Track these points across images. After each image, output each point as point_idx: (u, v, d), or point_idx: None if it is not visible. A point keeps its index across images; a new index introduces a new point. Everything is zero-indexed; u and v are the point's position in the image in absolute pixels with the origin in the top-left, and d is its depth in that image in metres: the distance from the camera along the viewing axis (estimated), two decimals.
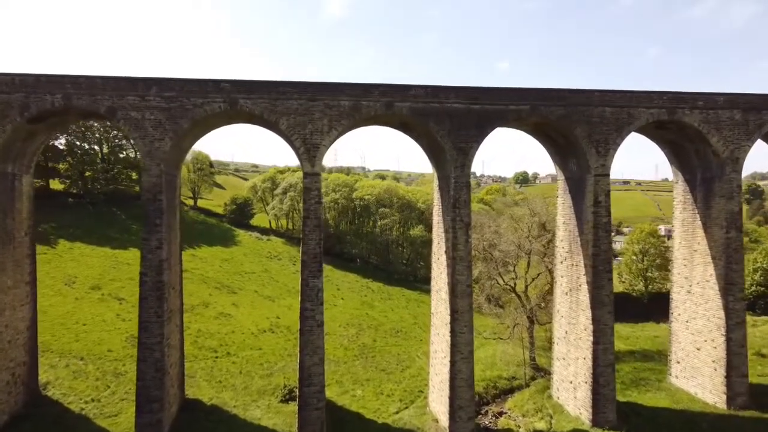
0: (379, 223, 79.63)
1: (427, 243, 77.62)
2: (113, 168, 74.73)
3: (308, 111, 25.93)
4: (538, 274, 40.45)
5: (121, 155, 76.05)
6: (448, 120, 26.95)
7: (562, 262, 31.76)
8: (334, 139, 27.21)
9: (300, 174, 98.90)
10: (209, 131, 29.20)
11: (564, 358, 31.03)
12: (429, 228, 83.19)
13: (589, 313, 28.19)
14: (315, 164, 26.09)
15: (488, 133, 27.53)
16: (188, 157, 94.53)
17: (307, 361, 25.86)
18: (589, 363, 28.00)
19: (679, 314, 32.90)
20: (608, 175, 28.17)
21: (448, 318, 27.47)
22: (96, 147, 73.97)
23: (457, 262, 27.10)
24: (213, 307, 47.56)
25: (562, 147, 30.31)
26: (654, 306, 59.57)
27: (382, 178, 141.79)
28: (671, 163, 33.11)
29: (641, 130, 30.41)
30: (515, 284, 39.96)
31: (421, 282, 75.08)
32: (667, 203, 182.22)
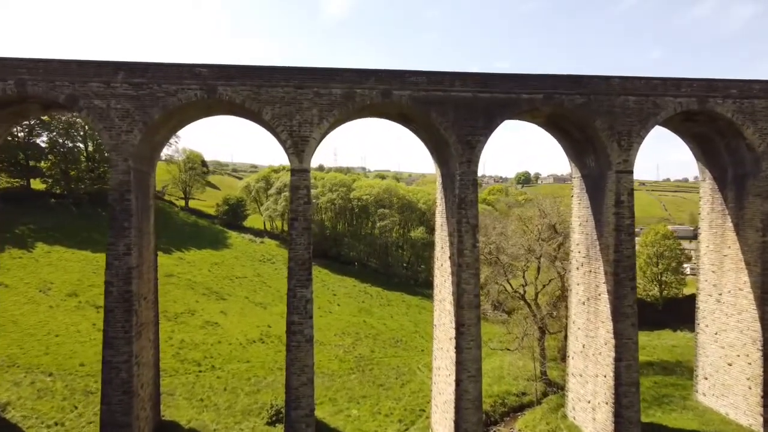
0: (378, 224, 77.13)
1: (429, 245, 75.12)
2: (99, 167, 72.13)
3: (296, 100, 23.43)
4: (550, 281, 37.95)
5: (108, 153, 73.38)
6: (453, 110, 24.46)
7: (578, 268, 29.21)
8: (326, 132, 24.75)
9: None
10: (187, 123, 26.70)
11: (581, 375, 28.49)
12: (430, 229, 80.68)
13: (609, 325, 25.65)
14: (303, 159, 23.57)
15: (497, 125, 25.04)
16: (180, 156, 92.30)
17: (295, 381, 23.32)
18: (611, 381, 25.45)
19: (707, 325, 30.34)
20: (632, 172, 25.67)
21: (452, 332, 24.93)
22: (81, 144, 71.43)
23: (463, 270, 24.57)
24: (199, 315, 45.03)
25: (578, 141, 27.78)
26: (669, 312, 57.07)
27: (382, 178, 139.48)
28: (698, 159, 30.57)
29: (665, 123, 27.88)
30: (525, 291, 37.39)
31: (422, 286, 72.55)
32: (672, 203, 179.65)
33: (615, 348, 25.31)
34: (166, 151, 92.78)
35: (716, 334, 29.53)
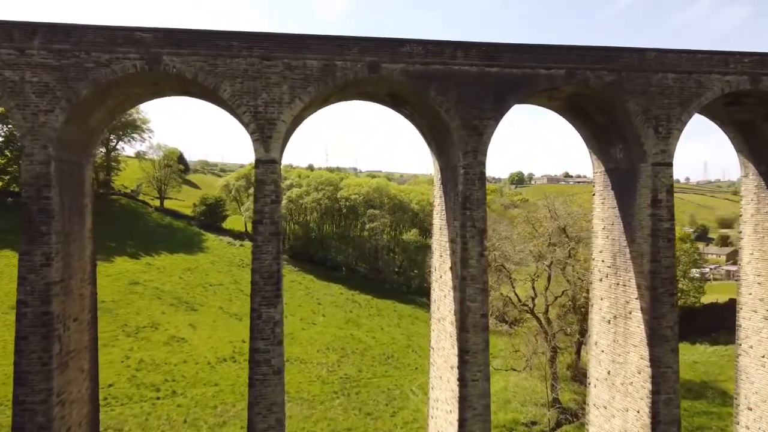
0: (367, 226, 72.98)
1: (423, 249, 71.04)
2: None
3: (261, 74, 19.30)
4: (563, 292, 34.02)
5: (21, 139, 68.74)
6: (456, 88, 20.40)
7: (601, 280, 25.26)
8: (300, 115, 20.65)
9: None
10: (131, 104, 22.54)
11: (605, 407, 24.51)
12: (424, 232, 76.62)
13: (644, 350, 21.70)
14: (271, 147, 19.43)
15: (509, 108, 21.05)
16: (155, 153, 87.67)
17: (259, 425, 19.19)
18: (646, 419, 21.49)
19: (751, 346, 26.47)
20: (671, 164, 21.81)
21: (455, 360, 20.86)
22: None
23: (468, 284, 20.52)
24: (164, 329, 40.75)
25: (603, 129, 23.86)
26: (686, 323, 53.42)
27: (373, 177, 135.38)
28: (739, 151, 26.73)
29: (705, 109, 23.96)
30: (534, 304, 33.44)
31: (415, 293, 68.60)
32: (680, 204, 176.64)
33: (651, 378, 21.35)
34: (139, 147, 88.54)
35: (763, 357, 25.66)
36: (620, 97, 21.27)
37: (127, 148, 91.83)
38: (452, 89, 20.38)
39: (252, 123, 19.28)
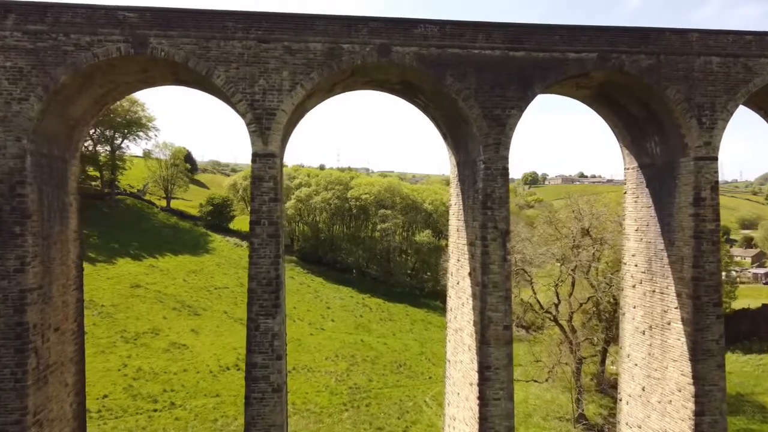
0: (378, 226, 71.11)
1: (436, 250, 69.14)
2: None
3: (259, 58, 17.57)
4: (588, 298, 31.92)
5: None
6: (475, 74, 18.58)
7: (634, 287, 23.24)
8: (301, 105, 18.94)
9: (287, 170, 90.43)
10: (119, 94, 20.92)
11: (639, 427, 22.49)
12: (438, 233, 74.70)
13: (686, 366, 19.68)
14: (270, 140, 17.69)
15: (534, 96, 19.20)
16: (161, 151, 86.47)
17: None
18: None
19: None
20: (716, 159, 19.77)
21: (474, 376, 18.99)
22: None
23: (490, 291, 18.65)
24: (165, 335, 39.21)
25: (637, 119, 21.87)
26: None
27: (385, 177, 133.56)
28: None
29: (752, 98, 21.84)
30: (558, 311, 31.42)
31: (428, 297, 66.66)
32: None
33: (694, 397, 19.33)
34: (145, 146, 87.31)
35: None
36: (658, 84, 19.30)
37: (133, 147, 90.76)
38: (471, 75, 18.56)
39: (249, 113, 17.58)
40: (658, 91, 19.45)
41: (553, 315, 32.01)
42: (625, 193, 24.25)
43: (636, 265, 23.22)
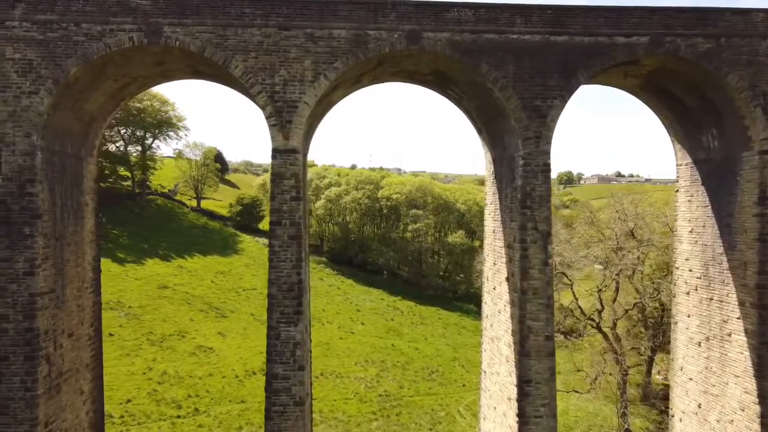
0: (410, 227, 69.78)
1: (469, 252, 67.49)
2: (97, 161, 67.02)
3: (279, 46, 16.52)
4: (634, 305, 30.05)
5: (103, 148, 68.30)
6: (513, 61, 17.19)
7: (688, 293, 21.45)
8: (326, 97, 17.87)
9: (317, 169, 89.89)
10: (136, 88, 20.15)
11: None
12: (471, 233, 72.98)
13: (750, 383, 17.90)
14: (291, 134, 16.62)
15: (578, 85, 17.73)
16: (193, 153, 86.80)
17: None
18: None
19: None
20: None
21: (513, 390, 17.59)
22: None
23: (530, 298, 17.24)
24: (191, 337, 38.71)
25: (692, 110, 20.13)
26: None
27: (416, 177, 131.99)
28: None
29: None
30: (601, 318, 29.64)
31: (461, 300, 65.06)
32: None
33: (760, 418, 17.57)
34: (175, 146, 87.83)
35: None
36: (718, 70, 17.57)
37: (164, 147, 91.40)
38: (509, 63, 17.17)
39: (268, 105, 16.55)
40: (717, 78, 17.74)
41: (596, 322, 30.21)
42: (677, 191, 22.46)
43: (690, 270, 21.43)
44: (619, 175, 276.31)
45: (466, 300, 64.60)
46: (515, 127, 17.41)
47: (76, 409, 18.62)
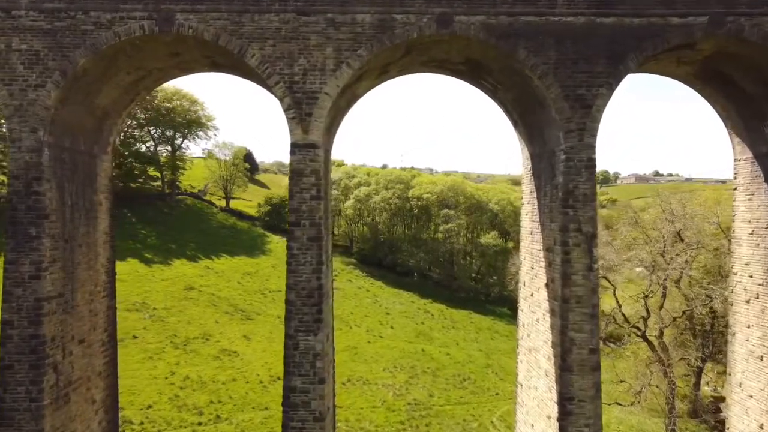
0: (441, 227, 68.30)
1: (503, 253, 65.64)
2: (127, 161, 67.61)
3: (298, 33, 15.43)
4: (683, 312, 28.13)
5: (133, 148, 68.80)
6: (554, 46, 15.76)
7: (749, 302, 19.63)
8: (350, 88, 16.75)
9: (346, 169, 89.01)
10: (152, 81, 19.30)
11: None
12: (504, 234, 71.12)
13: None
14: (311, 128, 15.51)
15: (627, 72, 16.17)
16: (223, 153, 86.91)
17: None
18: None
19: None
20: None
21: (553, 408, 16.15)
22: None
23: (572, 307, 15.77)
24: (215, 340, 38.11)
25: (754, 99, 18.38)
26: None
27: (448, 176, 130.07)
28: None
29: None
30: (646, 326, 27.81)
31: (494, 303, 63.35)
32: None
33: None
34: (205, 145, 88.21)
35: None
36: None
37: (194, 147, 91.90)
38: (550, 48, 15.72)
39: (287, 97, 15.46)
40: None
41: (642, 330, 28.36)
42: (735, 189, 20.63)
43: (751, 276, 19.58)
44: (657, 174, 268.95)
45: (500, 303, 62.85)
46: (556, 119, 15.97)
47: (87, 419, 17.85)
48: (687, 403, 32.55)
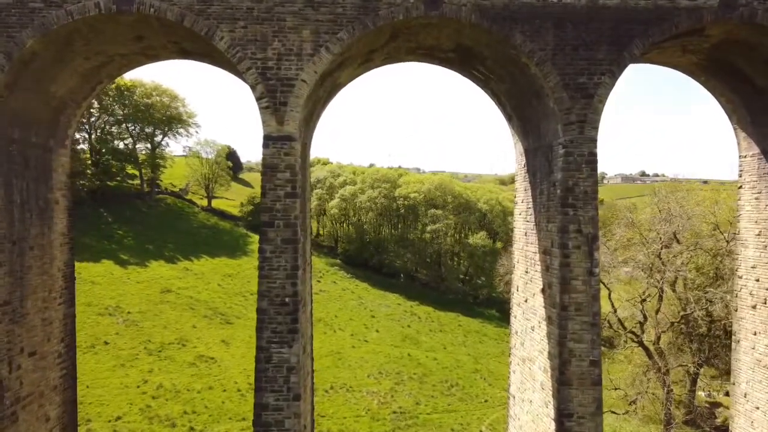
0: (428, 228, 67.07)
1: (491, 254, 64.54)
2: (103, 160, 65.68)
3: (272, 14, 14.07)
4: (681, 316, 27.10)
5: (111, 145, 66.86)
6: (553, 30, 14.56)
7: (755, 307, 18.60)
8: (330, 76, 15.41)
9: (331, 167, 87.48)
10: (115, 69, 17.81)
11: None
12: (493, 234, 70.09)
13: None
14: (286, 118, 14.15)
15: (631, 59, 15.06)
16: (204, 151, 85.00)
17: None
18: None
19: None
20: None
21: (550, 425, 14.98)
22: (83, 134, 65.01)
23: (572, 315, 14.58)
24: (192, 346, 36.54)
25: (763, 91, 17.28)
26: None
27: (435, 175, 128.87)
28: None
29: None
30: (643, 331, 26.75)
31: (482, 305, 62.28)
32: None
33: None
34: (186, 143, 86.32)
35: None
36: None
37: (175, 145, 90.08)
38: (548, 32, 14.52)
39: (259, 84, 14.08)
40: None
41: (638, 336, 27.28)
42: (740, 187, 19.57)
43: (758, 280, 18.53)
44: (643, 174, 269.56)
45: (488, 305, 61.83)
46: (555, 110, 14.76)
47: None
48: (682, 408, 31.59)
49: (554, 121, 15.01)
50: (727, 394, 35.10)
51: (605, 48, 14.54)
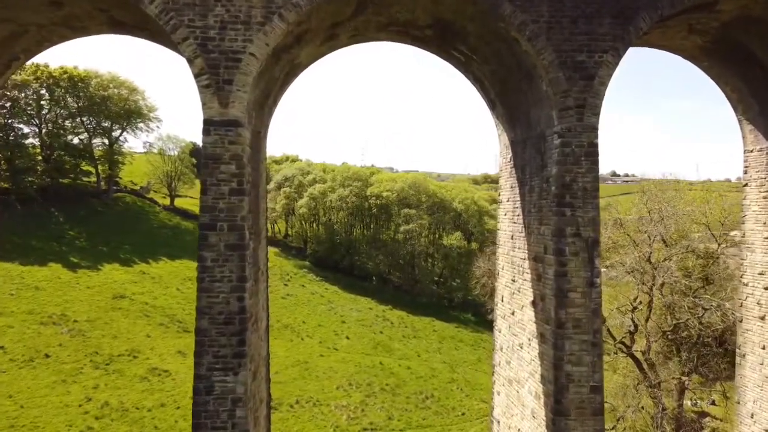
0: (402, 228, 65.10)
1: (466, 255, 62.91)
2: (55, 155, 62.15)
3: None
4: (674, 325, 25.53)
5: (63, 139, 63.35)
6: (546, 1, 12.54)
7: (764, 318, 16.94)
8: (285, 49, 13.28)
9: (300, 164, 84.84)
10: (34, 45, 15.30)
11: None
12: (468, 235, 68.42)
13: None
14: (231, 99, 11.93)
15: (638, 34, 13.28)
16: (167, 146, 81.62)
17: None
18: None
19: None
20: None
21: None
22: (32, 128, 61.45)
23: (569, 333, 12.67)
24: (145, 357, 33.87)
25: None
26: None
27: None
28: None
29: None
30: (633, 341, 25.11)
31: (458, 309, 60.58)
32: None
33: None
34: (146, 138, 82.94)
35: None
36: None
37: (133, 140, 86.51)
38: (542, 2, 12.58)
39: (198, 58, 11.83)
40: None
41: (628, 347, 25.65)
42: (746, 185, 17.97)
43: (766, 288, 16.89)
44: (614, 174, 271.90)
45: (463, 309, 60.20)
46: (549, 94, 12.82)
47: None
48: (671, 422, 30.16)
49: (548, 106, 13.08)
50: (713, 403, 33.83)
51: (608, 21, 12.66)
